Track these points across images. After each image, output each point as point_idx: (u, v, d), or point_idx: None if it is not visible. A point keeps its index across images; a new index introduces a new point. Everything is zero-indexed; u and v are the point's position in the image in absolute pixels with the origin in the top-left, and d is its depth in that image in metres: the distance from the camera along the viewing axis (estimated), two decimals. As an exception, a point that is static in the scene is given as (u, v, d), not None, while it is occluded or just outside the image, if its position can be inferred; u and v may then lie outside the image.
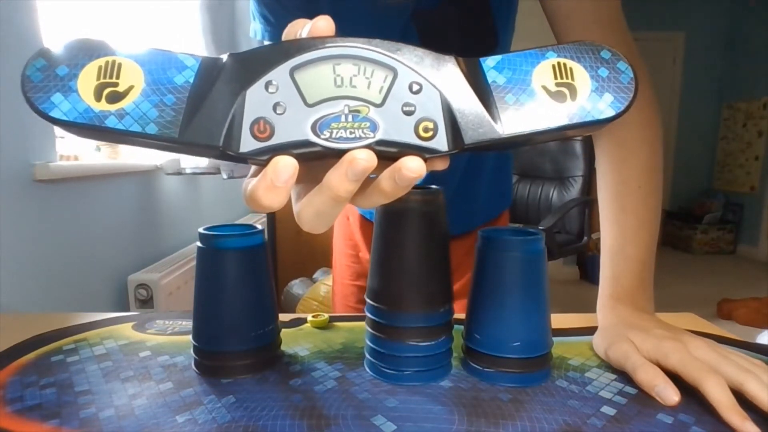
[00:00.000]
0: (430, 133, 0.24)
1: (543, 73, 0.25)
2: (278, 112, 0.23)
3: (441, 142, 0.24)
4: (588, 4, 0.47)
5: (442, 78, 0.24)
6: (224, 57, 0.24)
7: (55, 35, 1.11)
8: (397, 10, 0.59)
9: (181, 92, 0.24)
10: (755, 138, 4.07)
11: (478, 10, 0.60)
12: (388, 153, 0.24)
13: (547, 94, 0.25)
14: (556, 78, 0.25)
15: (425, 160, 0.24)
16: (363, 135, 0.23)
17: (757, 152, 4.05)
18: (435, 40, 0.60)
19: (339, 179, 0.23)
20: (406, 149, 0.24)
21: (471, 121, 0.24)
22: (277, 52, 0.24)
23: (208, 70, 0.24)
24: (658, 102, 0.50)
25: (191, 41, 1.51)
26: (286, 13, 0.57)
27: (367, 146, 0.23)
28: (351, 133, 0.23)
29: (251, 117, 0.23)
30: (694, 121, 4.45)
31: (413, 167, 0.22)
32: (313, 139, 0.23)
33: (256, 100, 0.23)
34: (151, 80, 0.24)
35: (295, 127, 0.23)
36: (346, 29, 0.24)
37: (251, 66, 0.24)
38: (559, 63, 0.26)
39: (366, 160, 0.22)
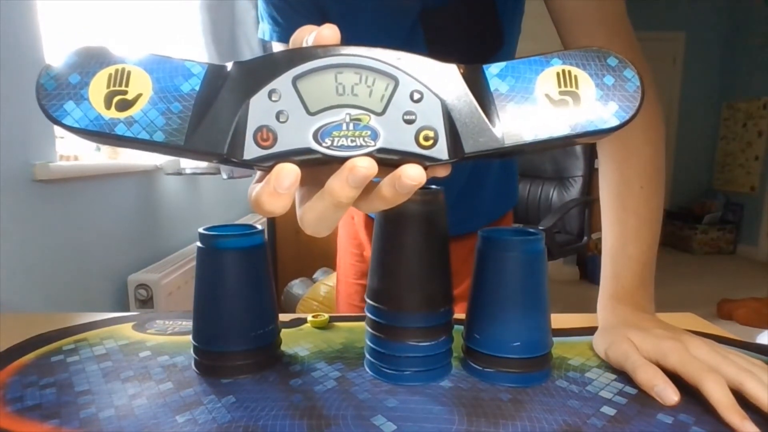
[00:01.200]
0: (431, 142, 0.24)
1: (547, 80, 0.25)
2: (281, 120, 0.23)
3: (441, 151, 0.24)
4: (593, 5, 0.47)
5: (443, 86, 0.24)
6: (229, 65, 0.24)
7: (54, 33, 1.11)
8: (404, 9, 0.59)
9: (187, 100, 0.24)
10: (755, 138, 4.07)
11: (484, 10, 0.60)
12: (389, 160, 0.24)
13: (549, 103, 0.25)
14: (560, 86, 0.25)
15: (425, 167, 0.24)
16: (364, 143, 0.24)
17: (757, 152, 4.05)
18: (441, 40, 0.60)
19: (340, 186, 0.23)
20: (407, 157, 0.24)
21: (471, 130, 0.24)
22: (280, 60, 0.24)
23: (214, 77, 0.24)
24: (661, 102, 0.50)
25: (191, 41, 1.51)
26: (294, 13, 0.57)
27: (368, 154, 0.23)
28: (352, 141, 0.23)
29: (255, 125, 0.24)
30: (694, 121, 4.45)
31: (413, 175, 0.23)
32: (315, 147, 0.23)
33: (259, 109, 0.24)
34: (159, 88, 0.24)
35: (297, 135, 0.23)
36: (353, 29, 0.24)
37: (255, 74, 0.24)
38: (563, 70, 0.25)
39: (366, 167, 0.22)
